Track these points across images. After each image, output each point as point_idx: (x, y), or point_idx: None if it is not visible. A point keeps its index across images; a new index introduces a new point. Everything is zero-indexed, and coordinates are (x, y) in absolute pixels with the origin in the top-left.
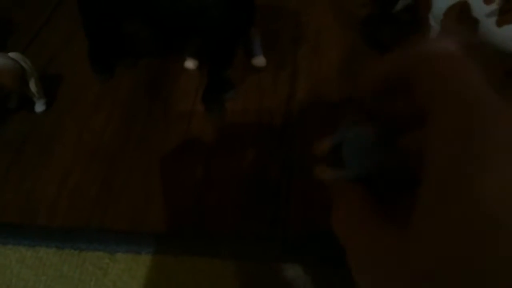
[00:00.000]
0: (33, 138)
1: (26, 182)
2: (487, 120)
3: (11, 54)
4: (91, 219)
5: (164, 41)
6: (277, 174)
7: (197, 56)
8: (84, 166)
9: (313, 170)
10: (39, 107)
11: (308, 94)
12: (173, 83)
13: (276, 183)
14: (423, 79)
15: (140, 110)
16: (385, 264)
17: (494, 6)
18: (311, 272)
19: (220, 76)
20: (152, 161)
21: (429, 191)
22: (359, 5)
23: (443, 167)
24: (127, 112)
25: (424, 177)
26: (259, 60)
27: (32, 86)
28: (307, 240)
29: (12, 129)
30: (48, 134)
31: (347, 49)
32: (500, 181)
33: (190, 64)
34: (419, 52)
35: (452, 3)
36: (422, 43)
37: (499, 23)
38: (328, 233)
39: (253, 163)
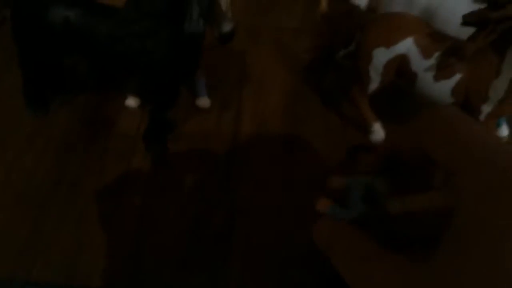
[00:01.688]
0: None
1: None
2: None
3: None
4: (17, 271)
5: (105, 77)
6: (220, 220)
7: (138, 94)
8: (11, 210)
9: (316, 201)
10: None
11: (251, 136)
12: (113, 121)
13: (219, 229)
14: (440, 143)
15: (75, 149)
16: None
17: (432, 61)
18: None
19: (163, 116)
20: (87, 205)
21: (453, 244)
22: (303, 50)
23: (470, 224)
24: (62, 151)
25: (451, 227)
26: (203, 101)
27: None
28: None
29: None
30: None
31: (291, 92)
32: None
33: (131, 102)
34: (430, 119)
35: (391, 56)
36: (429, 111)
37: (437, 78)
38: None
39: (195, 208)
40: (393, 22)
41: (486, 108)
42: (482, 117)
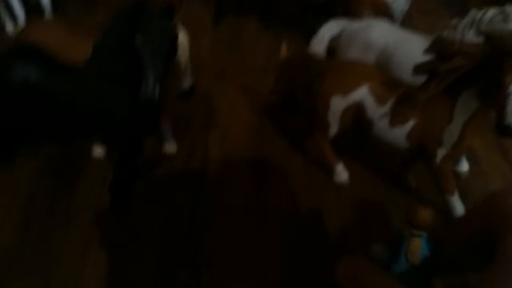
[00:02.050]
0: None
1: None
2: None
3: None
4: None
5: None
6: (185, 277)
7: (104, 144)
8: None
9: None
10: None
11: (218, 180)
12: (79, 173)
13: (185, 281)
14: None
15: (41, 204)
16: None
17: (386, 108)
18: None
19: (127, 167)
20: (52, 263)
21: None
22: (268, 91)
23: None
24: (27, 208)
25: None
26: (170, 147)
27: None
28: None
29: None
30: None
31: (257, 134)
32: None
33: (97, 152)
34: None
35: (348, 104)
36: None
37: (392, 124)
38: None
39: (160, 264)
40: (349, 71)
41: (441, 152)
42: (437, 160)
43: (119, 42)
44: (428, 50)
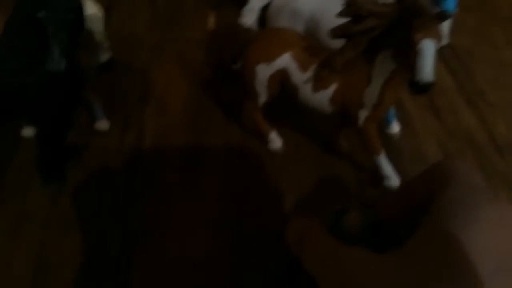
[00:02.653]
0: None
1: None
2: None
3: None
4: None
5: None
6: (118, 250)
7: (33, 123)
8: None
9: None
10: None
11: (154, 155)
12: (8, 155)
13: (117, 260)
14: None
15: None
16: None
17: (309, 74)
18: None
19: (53, 146)
20: None
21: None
22: (205, 63)
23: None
24: None
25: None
26: (102, 124)
27: None
28: None
29: None
30: None
31: (194, 106)
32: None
33: (27, 131)
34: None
35: (273, 71)
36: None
37: (315, 89)
38: None
39: (92, 239)
40: (271, 39)
41: (363, 114)
42: (360, 122)
43: (27, 18)
44: (341, 14)
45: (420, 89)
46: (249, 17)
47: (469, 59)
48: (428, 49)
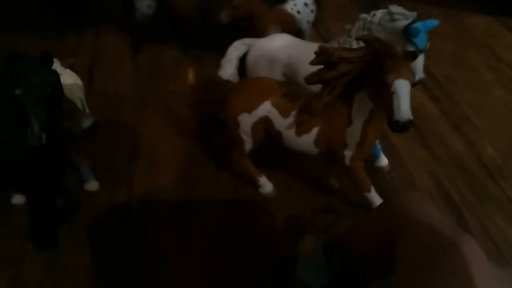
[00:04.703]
0: None
1: None
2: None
3: None
4: None
5: None
6: None
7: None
8: None
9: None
10: None
11: (146, 212)
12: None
13: None
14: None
15: None
16: None
17: (291, 119)
18: None
19: (42, 214)
20: None
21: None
22: (189, 115)
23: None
24: None
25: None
26: (91, 185)
27: None
28: None
29: None
30: None
31: (183, 158)
32: None
33: (18, 199)
34: (397, 210)
35: (255, 119)
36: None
37: (298, 133)
38: None
39: None
40: (251, 89)
41: (348, 153)
42: (347, 161)
43: (4, 94)
44: (313, 62)
45: (400, 128)
46: (227, 68)
47: (450, 85)
48: (402, 89)
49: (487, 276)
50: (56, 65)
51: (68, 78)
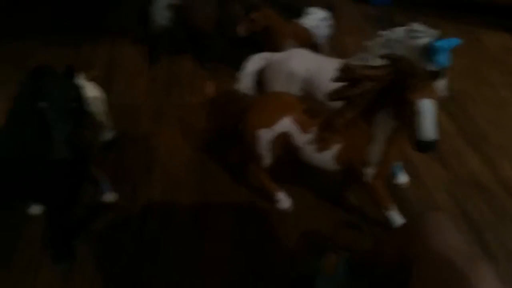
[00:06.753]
0: None
1: None
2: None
3: None
4: None
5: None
6: None
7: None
8: None
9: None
10: None
11: (163, 224)
12: (15, 233)
13: None
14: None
15: None
16: None
17: (310, 135)
18: None
19: (61, 225)
20: None
21: None
22: (205, 127)
23: None
24: None
25: None
26: (109, 196)
27: None
28: None
29: None
30: None
31: (199, 170)
32: None
33: (35, 209)
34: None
35: (274, 135)
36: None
37: (319, 150)
38: None
39: None
40: (270, 104)
41: (369, 171)
42: (368, 179)
43: (28, 107)
44: (336, 79)
45: (424, 147)
46: (245, 82)
47: (467, 101)
48: (425, 108)
49: None
50: (80, 78)
51: (91, 91)
